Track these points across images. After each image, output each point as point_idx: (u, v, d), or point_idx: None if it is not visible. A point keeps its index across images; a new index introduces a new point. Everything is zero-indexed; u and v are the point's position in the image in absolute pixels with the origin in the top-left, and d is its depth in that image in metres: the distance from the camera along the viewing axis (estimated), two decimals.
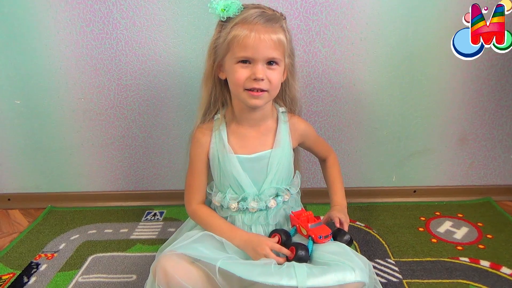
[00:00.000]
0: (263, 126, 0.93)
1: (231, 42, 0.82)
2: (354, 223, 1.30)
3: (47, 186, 1.48)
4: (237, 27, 0.82)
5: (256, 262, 0.81)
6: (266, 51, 0.81)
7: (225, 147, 0.91)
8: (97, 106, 1.36)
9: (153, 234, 1.27)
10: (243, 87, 0.84)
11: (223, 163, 0.91)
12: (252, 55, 0.81)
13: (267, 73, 0.83)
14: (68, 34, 1.27)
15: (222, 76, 0.89)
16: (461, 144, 1.39)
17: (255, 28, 0.81)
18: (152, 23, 1.26)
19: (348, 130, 1.37)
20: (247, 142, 0.92)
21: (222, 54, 0.85)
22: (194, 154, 0.94)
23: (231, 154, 0.90)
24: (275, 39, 0.82)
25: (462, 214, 1.34)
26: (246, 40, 0.80)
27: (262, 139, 0.93)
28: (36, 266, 1.13)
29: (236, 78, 0.83)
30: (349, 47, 1.27)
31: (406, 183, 1.45)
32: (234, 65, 0.83)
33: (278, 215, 0.94)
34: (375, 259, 1.12)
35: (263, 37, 0.80)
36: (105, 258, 1.16)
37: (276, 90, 0.88)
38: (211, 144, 0.92)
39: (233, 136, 0.92)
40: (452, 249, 1.16)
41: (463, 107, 1.34)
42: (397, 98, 1.33)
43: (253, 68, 0.82)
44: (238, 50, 0.82)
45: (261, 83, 0.83)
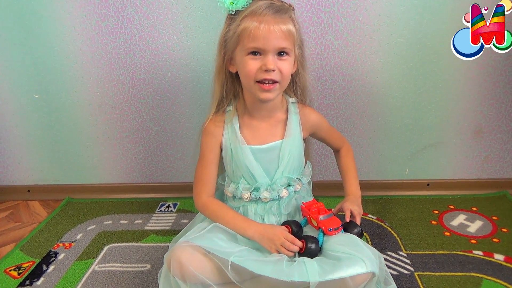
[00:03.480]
0: (274, 117, 0.94)
1: (241, 34, 0.83)
2: (366, 216, 1.30)
3: (65, 178, 1.51)
4: (246, 20, 0.82)
5: (268, 258, 0.82)
6: (276, 41, 0.82)
7: (237, 138, 0.92)
8: (112, 100, 1.38)
9: (167, 225, 1.29)
10: (254, 79, 0.84)
11: (236, 154, 0.92)
12: (262, 46, 0.81)
13: (278, 63, 0.83)
14: (84, 29, 1.29)
15: (232, 69, 0.90)
16: (476, 136, 1.37)
17: (265, 19, 0.81)
18: (165, 17, 1.27)
19: (361, 123, 1.36)
20: (258, 133, 0.93)
21: (232, 47, 0.86)
22: (206, 145, 0.95)
23: (244, 145, 0.91)
24: (284, 30, 0.82)
25: (477, 208, 1.32)
26: (256, 32, 0.81)
27: (273, 130, 0.94)
28: (54, 255, 1.17)
29: (247, 70, 0.84)
30: (362, 38, 1.26)
31: (419, 176, 1.43)
32: (245, 57, 0.84)
33: (290, 204, 0.95)
34: (387, 251, 1.12)
35: (272, 28, 0.81)
36: (121, 248, 1.18)
37: (287, 81, 0.88)
38: (223, 135, 0.93)
39: (245, 128, 0.93)
40: (465, 242, 1.15)
41: (478, 98, 1.32)
42: (410, 90, 1.31)
43: (264, 59, 0.83)
44: (248, 41, 0.82)
45: (272, 74, 0.83)
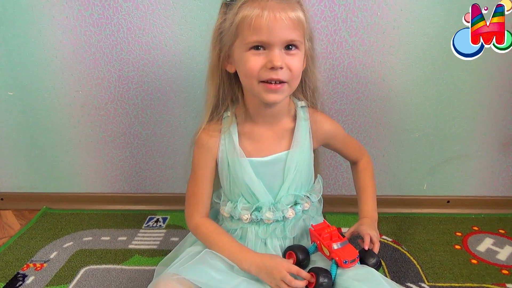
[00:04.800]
0: (279, 125, 0.82)
1: (239, 25, 0.70)
2: (381, 237, 1.16)
3: (42, 185, 1.39)
4: (246, 6, 0.69)
5: None
6: (283, 32, 0.69)
7: (235, 150, 0.80)
8: (96, 100, 1.26)
9: (154, 244, 1.16)
10: (258, 79, 0.72)
11: (234, 168, 0.80)
12: (266, 38, 0.69)
13: (286, 59, 0.71)
14: (65, 19, 1.17)
15: (230, 69, 0.77)
16: (503, 150, 1.25)
17: (268, 5, 0.68)
18: (157, 7, 1.15)
19: (375, 131, 1.25)
20: (261, 143, 0.82)
21: (229, 41, 0.73)
22: (199, 159, 0.83)
23: (243, 158, 0.80)
24: (293, 17, 0.69)
25: (504, 230, 1.19)
26: (259, 21, 0.68)
27: (278, 139, 0.82)
28: (22, 278, 1.03)
29: (249, 68, 0.71)
30: (380, 36, 1.13)
31: (438, 192, 1.31)
32: (245, 53, 0.71)
33: (297, 226, 0.83)
34: (406, 283, 0.99)
35: (278, 15, 0.68)
36: (99, 271, 1.05)
37: (297, 81, 0.75)
38: (219, 147, 0.82)
39: (245, 137, 0.81)
40: (496, 272, 1.02)
41: (508, 108, 1.20)
42: (432, 96, 1.19)
43: (269, 54, 0.70)
44: (249, 34, 0.69)
45: (280, 72, 0.70)
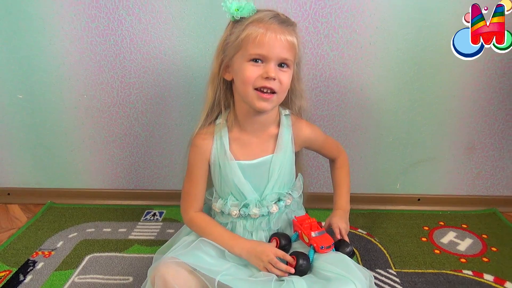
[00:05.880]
0: (266, 132, 0.91)
1: (245, 39, 0.81)
2: (356, 230, 1.28)
3: (47, 181, 1.46)
4: (252, 26, 0.81)
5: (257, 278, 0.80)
6: (280, 50, 0.81)
7: (226, 154, 0.89)
8: (99, 103, 1.34)
9: (152, 235, 1.25)
10: (253, 86, 0.82)
11: (224, 170, 0.89)
12: (267, 53, 0.80)
13: (279, 74, 0.82)
14: (73, 30, 1.25)
15: (228, 77, 0.87)
16: (468, 153, 1.36)
17: (271, 27, 0.80)
18: (158, 20, 1.23)
19: (354, 135, 1.35)
20: (248, 148, 0.90)
21: (232, 53, 0.84)
22: (194, 160, 0.92)
23: (232, 161, 0.89)
24: (290, 40, 0.81)
25: (467, 225, 1.31)
26: (262, 38, 0.79)
27: (264, 145, 0.91)
28: (32, 264, 1.12)
29: (247, 76, 0.81)
30: (358, 51, 1.24)
31: (410, 191, 1.42)
32: (245, 63, 0.81)
33: (280, 219, 0.93)
34: (376, 269, 1.10)
35: (279, 36, 0.80)
36: (102, 258, 1.14)
37: (284, 94, 0.86)
38: (212, 150, 0.90)
39: (234, 142, 0.90)
40: (455, 261, 1.13)
41: (472, 115, 1.31)
42: (405, 104, 1.30)
43: (266, 67, 0.81)
44: (252, 47, 0.80)
45: (272, 82, 0.81)
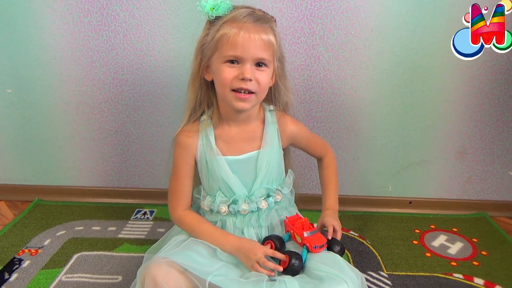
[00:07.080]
0: (250, 127, 0.91)
1: (219, 40, 0.80)
2: (348, 232, 1.28)
3: (35, 178, 1.44)
4: (226, 26, 0.79)
5: (248, 278, 0.79)
6: (255, 50, 0.79)
7: (212, 149, 0.88)
8: (91, 100, 1.32)
9: (142, 234, 1.24)
10: (230, 87, 0.81)
11: (211, 166, 0.89)
12: (240, 54, 0.79)
13: (256, 73, 0.81)
14: (65, 24, 1.24)
15: (208, 77, 0.87)
16: (459, 157, 1.37)
17: (245, 26, 0.79)
18: (152, 17, 1.22)
19: (347, 137, 1.35)
20: (234, 144, 0.90)
21: (209, 53, 0.83)
22: (179, 157, 0.91)
23: (219, 156, 0.88)
24: (265, 39, 0.80)
25: (457, 229, 1.32)
26: (235, 39, 0.78)
27: (250, 140, 0.91)
28: (18, 262, 1.10)
29: (223, 77, 0.81)
30: (353, 53, 1.24)
31: (402, 194, 1.43)
32: (222, 65, 0.81)
33: (270, 216, 0.92)
34: (368, 271, 1.10)
35: (252, 36, 0.78)
36: (91, 257, 1.13)
37: (263, 93, 0.85)
38: (198, 147, 0.90)
39: (220, 138, 0.90)
40: (446, 264, 1.14)
41: (464, 120, 1.32)
42: (398, 107, 1.31)
43: (241, 68, 0.80)
44: (226, 48, 0.79)
45: (249, 83, 0.80)
